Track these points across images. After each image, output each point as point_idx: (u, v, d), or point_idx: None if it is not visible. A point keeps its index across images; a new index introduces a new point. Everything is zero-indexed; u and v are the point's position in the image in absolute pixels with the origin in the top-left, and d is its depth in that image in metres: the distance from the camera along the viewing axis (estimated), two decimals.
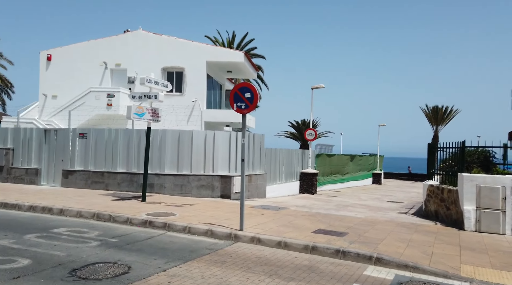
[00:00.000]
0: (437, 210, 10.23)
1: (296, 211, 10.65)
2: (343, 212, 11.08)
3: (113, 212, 8.65)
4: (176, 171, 12.69)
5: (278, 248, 6.68)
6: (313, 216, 9.71)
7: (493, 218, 8.36)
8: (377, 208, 12.87)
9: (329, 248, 6.34)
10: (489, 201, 8.44)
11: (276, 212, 10.15)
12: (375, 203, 15.02)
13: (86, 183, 13.17)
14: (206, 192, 12.57)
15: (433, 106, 41.56)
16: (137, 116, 10.21)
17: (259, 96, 40.14)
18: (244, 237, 7.02)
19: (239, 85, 7.41)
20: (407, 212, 12.21)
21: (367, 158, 29.41)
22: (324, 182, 20.99)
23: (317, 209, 11.59)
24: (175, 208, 9.65)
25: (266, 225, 8.04)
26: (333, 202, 14.36)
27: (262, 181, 14.28)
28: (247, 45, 37.43)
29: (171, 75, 18.80)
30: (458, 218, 9.04)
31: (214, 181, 12.64)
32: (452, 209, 9.42)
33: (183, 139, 12.76)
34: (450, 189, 9.57)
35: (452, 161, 10.18)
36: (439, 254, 6.41)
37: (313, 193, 17.69)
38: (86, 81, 18.57)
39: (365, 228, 8.40)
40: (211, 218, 8.47)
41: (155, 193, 12.45)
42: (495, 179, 8.49)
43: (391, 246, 6.74)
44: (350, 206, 13.20)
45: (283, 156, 16.57)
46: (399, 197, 18.65)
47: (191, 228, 7.50)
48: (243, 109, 7.40)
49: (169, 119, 17.06)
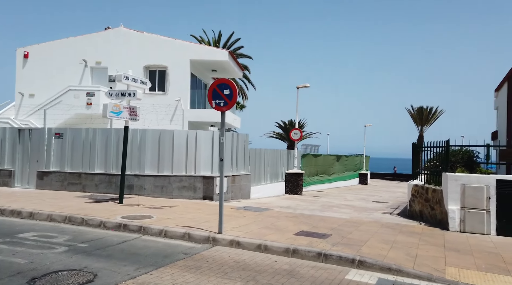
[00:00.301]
0: (422, 210, 10.11)
1: (279, 212, 10.38)
2: (328, 213, 10.86)
3: (87, 215, 8.21)
4: (157, 171, 12.27)
5: (258, 251, 6.38)
6: (296, 217, 9.45)
7: (477, 218, 8.25)
8: (362, 209, 12.71)
9: (310, 251, 6.07)
10: (474, 201, 8.33)
11: (259, 213, 9.86)
12: (361, 203, 14.89)
13: (62, 185, 12.63)
14: (188, 193, 12.19)
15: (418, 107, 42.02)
16: (114, 114, 9.77)
17: (245, 97, 39.89)
18: (222, 240, 6.70)
19: (218, 81, 7.10)
20: (392, 212, 12.08)
21: (353, 158, 29.43)
22: (310, 183, 20.82)
23: (302, 209, 11.34)
24: (153, 210, 9.26)
25: (247, 227, 7.73)
26: (318, 202, 14.16)
27: (246, 181, 13.98)
28: (234, 45, 37.11)
29: (154, 73, 18.33)
30: (442, 218, 8.92)
31: (196, 181, 12.27)
32: (437, 209, 9.30)
33: (164, 139, 12.36)
34: (434, 189, 9.45)
35: (436, 161, 10.08)
36: (423, 255, 6.22)
37: (298, 194, 17.48)
38: (65, 80, 17.94)
39: (349, 229, 8.18)
40: (190, 221, 8.12)
41: (135, 195, 12.00)
42: (479, 178, 8.39)
43: (374, 248, 6.52)
44: (335, 206, 13.01)
45: (268, 156, 16.31)
46: (385, 197, 18.60)
47: (168, 231, 7.14)
48: (222, 106, 7.09)
49: (151, 118, 16.61)
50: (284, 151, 18.21)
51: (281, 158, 17.70)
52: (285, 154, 18.21)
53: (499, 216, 8.11)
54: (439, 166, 9.70)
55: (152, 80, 18.30)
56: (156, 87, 18.22)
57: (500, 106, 25.23)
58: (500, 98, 25.11)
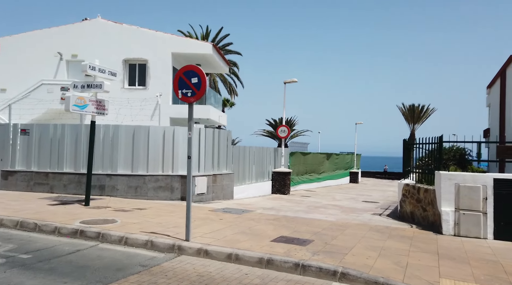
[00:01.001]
0: (413, 211, 9.42)
1: (261, 214, 9.61)
2: (313, 215, 10.12)
3: (41, 219, 7.33)
4: (131, 170, 11.40)
5: (228, 261, 5.59)
6: (278, 220, 8.68)
7: (473, 221, 7.58)
8: (350, 209, 12.01)
9: (287, 262, 5.30)
10: (469, 202, 7.65)
11: (238, 216, 9.07)
12: (350, 203, 14.20)
13: (28, 185, 11.69)
14: (165, 194, 11.35)
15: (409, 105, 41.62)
16: (78, 108, 8.89)
17: (235, 94, 39.02)
18: (189, 249, 5.90)
19: (184, 68, 6.29)
20: (381, 213, 11.39)
21: (344, 156, 28.81)
22: (298, 182, 20.11)
23: (286, 211, 10.59)
24: (121, 214, 8.41)
25: (220, 233, 6.94)
26: (305, 203, 13.42)
27: (229, 181, 13.18)
28: (222, 41, 36.21)
29: (134, 67, 17.39)
30: (435, 220, 8.23)
31: (173, 181, 11.44)
32: (429, 211, 8.62)
33: (138, 135, 11.49)
34: (426, 189, 8.77)
35: (428, 159, 9.40)
36: (414, 265, 5.49)
37: (286, 193, 16.74)
38: (39, 74, 16.90)
39: (334, 233, 7.43)
40: (157, 226, 7.30)
41: (106, 196, 11.13)
42: (475, 177, 7.71)
43: (360, 256, 5.78)
44: (322, 207, 12.28)
45: (253, 154, 15.52)
46: (375, 196, 17.97)
47: (129, 239, 6.31)
48: (189, 97, 6.28)
49: (125, 113, 15.63)
50: (270, 149, 17.44)
51: (267, 156, 16.93)
52: (271, 152, 17.44)
53: (497, 218, 7.45)
54: (432, 163, 9.02)
55: (132, 75, 17.39)
56: (136, 82, 17.29)
57: (492, 103, 24.80)
58: (492, 95, 24.68)
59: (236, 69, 37.28)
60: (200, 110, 17.39)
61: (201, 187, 11.66)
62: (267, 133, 43.37)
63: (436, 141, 8.52)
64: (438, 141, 8.40)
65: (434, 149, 8.78)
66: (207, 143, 12.33)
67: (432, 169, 8.85)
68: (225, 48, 36.10)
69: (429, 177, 9.02)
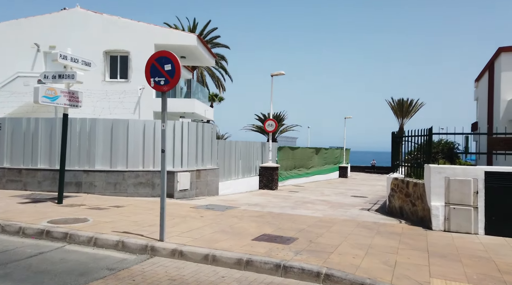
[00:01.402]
0: (402, 206, 9.13)
1: (245, 211, 9.21)
2: (300, 211, 9.76)
3: (7, 219, 6.80)
4: (109, 166, 10.87)
5: (204, 263, 5.18)
6: (262, 217, 8.29)
7: (464, 215, 7.30)
8: (338, 204, 11.69)
9: (267, 262, 4.91)
10: (460, 196, 7.36)
11: (220, 213, 8.65)
12: (338, 198, 13.91)
13: (1, 182, 11.06)
14: (145, 191, 10.85)
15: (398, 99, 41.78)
16: (48, 100, 8.31)
17: (223, 88, 38.43)
18: (162, 250, 5.46)
19: (157, 54, 5.81)
20: (370, 208, 11.10)
21: (333, 151, 28.58)
22: (287, 177, 19.77)
23: (271, 207, 10.21)
24: (95, 212, 7.91)
25: (199, 232, 6.51)
26: (293, 198, 13.07)
27: (214, 176, 12.74)
28: (210, 34, 35.55)
29: (115, 59, 16.73)
30: (425, 215, 7.94)
31: (154, 177, 10.94)
32: (418, 205, 8.33)
33: (117, 129, 10.95)
34: (416, 182, 8.47)
35: (417, 152, 9.10)
36: (404, 264, 5.16)
37: (273, 189, 16.38)
38: (15, 66, 16.12)
39: (320, 230, 7.07)
40: (132, 224, 6.84)
41: (84, 193, 10.59)
42: (466, 170, 7.42)
43: (346, 255, 5.43)
44: (310, 202, 11.94)
45: (240, 149, 15.09)
46: (364, 191, 17.74)
47: (98, 239, 5.84)
48: (163, 85, 5.81)
49: (106, 106, 15.01)
50: (258, 143, 17.02)
51: (254, 151, 16.52)
52: (259, 146, 17.03)
53: (488, 213, 7.18)
54: (421, 157, 8.72)
55: (113, 67, 16.73)
56: (118, 75, 16.64)
57: (480, 97, 24.79)
58: (480, 89, 24.66)
59: (225, 63, 36.70)
60: (184, 104, 16.88)
61: (184, 182, 11.20)
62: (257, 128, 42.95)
63: (425, 133, 8.20)
64: (428, 134, 8.09)
65: (423, 142, 8.48)
66: (191, 137, 11.85)
67: (421, 162, 8.55)
68: (212, 41, 35.46)
69: (418, 170, 8.72)
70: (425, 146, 8.19)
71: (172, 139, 11.40)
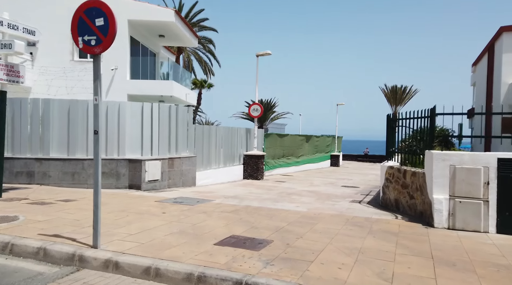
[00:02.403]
0: (398, 199, 8.00)
1: (219, 204, 8.00)
2: (283, 204, 8.58)
3: None
4: (67, 154, 9.55)
5: (145, 278, 3.96)
6: (236, 212, 7.09)
7: (472, 210, 6.17)
8: (327, 196, 10.55)
9: (225, 279, 3.70)
10: (467, 187, 6.22)
11: (188, 208, 7.43)
12: (327, 188, 12.78)
13: None
14: (109, 182, 9.57)
15: (392, 86, 40.83)
16: None
17: (211, 73, 36.84)
18: (93, 261, 4.22)
19: (85, 5, 4.46)
20: (362, 200, 9.98)
21: (325, 138, 27.44)
22: (275, 166, 18.58)
23: (251, 200, 9.01)
24: (34, 208, 6.63)
25: (151, 233, 5.28)
26: (277, 189, 11.90)
27: (190, 165, 11.48)
28: (197, 16, 33.75)
29: None
30: (425, 209, 6.81)
31: (119, 166, 9.66)
32: (417, 198, 7.19)
33: (75, 112, 9.59)
34: (414, 172, 7.31)
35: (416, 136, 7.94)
36: (403, 276, 4.00)
37: (258, 179, 15.19)
38: None
39: (301, 229, 5.89)
40: (71, 224, 5.58)
41: (36, 184, 9.28)
42: (475, 157, 6.26)
43: (331, 264, 4.25)
44: (296, 194, 10.78)
45: (221, 135, 13.80)
46: (356, 180, 16.65)
47: (15, 246, 4.57)
48: (94, 46, 4.50)
49: (63, 85, 13.52)
50: (242, 130, 15.74)
51: (238, 138, 15.25)
52: (243, 133, 15.75)
53: (500, 208, 6.06)
54: (421, 141, 7.55)
55: None
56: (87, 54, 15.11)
57: (477, 82, 23.71)
58: (477, 73, 23.56)
59: (212, 47, 35.04)
60: (161, 86, 15.48)
61: (153, 172, 9.93)
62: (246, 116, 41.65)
63: (426, 114, 7.01)
64: (429, 115, 6.89)
65: (424, 125, 7.29)
66: (162, 121, 10.53)
67: (421, 147, 7.39)
68: (199, 24, 33.72)
69: (418, 158, 7.56)
70: (427, 129, 7.01)
71: (140, 124, 10.09)
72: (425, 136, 7.27)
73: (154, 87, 15.36)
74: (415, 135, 7.96)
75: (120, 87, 14.86)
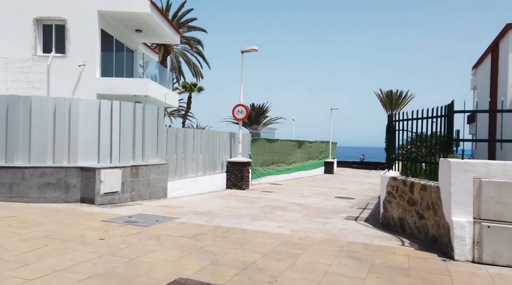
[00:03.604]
0: (403, 218, 6.50)
1: (182, 225, 6.42)
2: (262, 223, 7.03)
3: None
4: (4, 161, 7.94)
5: None
6: (199, 238, 5.52)
7: (505, 238, 4.68)
8: (317, 211, 9.01)
9: None
10: (498, 207, 4.74)
11: (139, 231, 5.85)
12: (319, 200, 11.25)
13: None
14: (56, 194, 7.97)
15: (387, 91, 39.84)
16: None
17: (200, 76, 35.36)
18: None
19: None
20: (358, 216, 8.46)
21: (318, 144, 25.98)
22: (263, 173, 17.04)
23: (224, 217, 7.44)
24: None
25: (60, 278, 3.69)
26: (261, 201, 10.34)
27: (160, 174, 9.89)
28: (185, 16, 32.35)
29: (49, 29, 13.62)
30: (441, 235, 5.31)
31: (69, 176, 8.06)
32: (429, 219, 5.69)
33: (15, 110, 8.00)
34: (424, 185, 5.83)
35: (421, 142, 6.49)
36: None
37: (243, 188, 13.62)
38: None
39: (278, 266, 4.35)
40: None
41: None
42: (507, 167, 4.79)
43: None
44: (281, 208, 9.23)
45: (200, 140, 12.23)
46: (351, 190, 15.16)
47: None
48: None
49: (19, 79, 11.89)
50: (225, 133, 14.19)
51: (221, 142, 13.69)
52: (227, 137, 14.21)
53: None
54: (432, 147, 6.08)
55: (47, 38, 13.63)
56: (53, 48, 13.55)
57: (478, 85, 22.47)
58: (479, 76, 22.32)
59: (201, 48, 33.60)
60: (134, 84, 13.91)
61: (112, 183, 8.34)
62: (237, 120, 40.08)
63: (442, 112, 5.54)
64: (446, 113, 5.42)
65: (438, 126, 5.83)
66: (125, 122, 8.98)
67: (434, 153, 5.92)
68: (187, 25, 32.32)
69: (430, 167, 6.08)
70: (443, 130, 5.53)
71: (96, 125, 8.52)
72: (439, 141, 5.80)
73: (127, 86, 13.79)
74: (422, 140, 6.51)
75: (89, 86, 13.29)
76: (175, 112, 44.20)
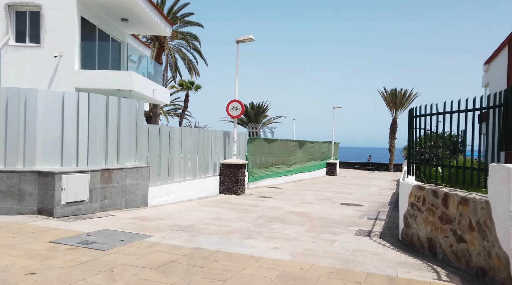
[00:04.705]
0: (434, 239, 5.11)
1: (153, 247, 5.04)
2: (255, 242, 5.64)
3: None
4: None
5: None
6: (168, 269, 4.14)
7: None
8: (322, 223, 7.61)
9: None
10: None
11: (92, 258, 4.47)
12: (323, 208, 9.85)
13: None
14: (6, 204, 6.60)
15: (391, 89, 38.41)
16: None
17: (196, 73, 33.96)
18: None
19: None
20: (371, 230, 7.06)
21: (320, 144, 24.59)
22: (261, 176, 15.66)
23: (209, 234, 6.05)
24: None
25: None
26: (257, 210, 8.95)
27: (139, 178, 8.50)
28: (181, 10, 30.96)
29: (23, 16, 12.25)
30: (493, 267, 3.93)
31: (23, 182, 6.68)
32: (473, 243, 4.31)
33: None
34: (466, 198, 4.44)
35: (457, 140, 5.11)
36: None
37: (238, 193, 12.24)
38: None
39: None
40: None
41: None
42: None
43: None
44: (280, 219, 7.84)
45: (188, 139, 10.84)
46: (357, 194, 13.75)
47: None
48: None
49: None
50: (218, 132, 12.80)
51: (213, 142, 12.31)
52: (220, 136, 12.83)
53: None
54: None
55: (21, 27, 12.27)
56: (27, 37, 12.19)
57: (491, 81, 21.03)
58: (492, 72, 20.90)
59: (198, 43, 32.21)
60: (116, 77, 12.50)
61: (76, 190, 6.95)
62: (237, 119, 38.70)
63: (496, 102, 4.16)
64: (502, 102, 4.04)
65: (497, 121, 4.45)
66: (95, 118, 7.60)
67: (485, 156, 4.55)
68: (183, 19, 30.92)
69: (473, 174, 4.70)
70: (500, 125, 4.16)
71: (60, 121, 7.15)
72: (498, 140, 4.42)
73: (110, 80, 12.40)
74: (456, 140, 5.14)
75: (66, 79, 11.91)
76: (172, 111, 42.85)
